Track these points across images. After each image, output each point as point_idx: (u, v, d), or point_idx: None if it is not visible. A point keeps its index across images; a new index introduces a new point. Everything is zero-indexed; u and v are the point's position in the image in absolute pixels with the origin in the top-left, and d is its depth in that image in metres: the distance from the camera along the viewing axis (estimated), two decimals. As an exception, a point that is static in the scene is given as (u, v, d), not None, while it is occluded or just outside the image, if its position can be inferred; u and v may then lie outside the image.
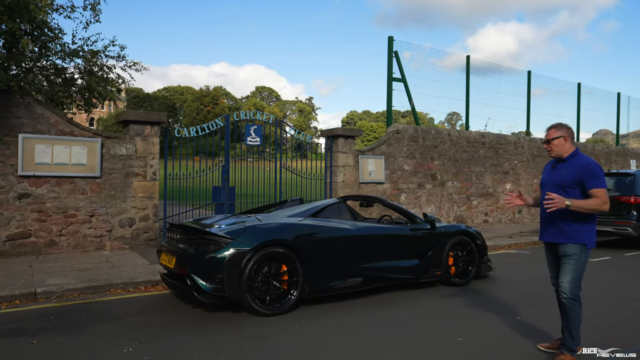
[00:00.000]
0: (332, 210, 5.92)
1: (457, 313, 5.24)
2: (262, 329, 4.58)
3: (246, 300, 4.87)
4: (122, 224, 8.23)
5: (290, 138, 10.64)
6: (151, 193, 8.47)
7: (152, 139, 8.48)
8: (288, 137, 10.87)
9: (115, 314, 5.05)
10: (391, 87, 12.43)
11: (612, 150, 18.28)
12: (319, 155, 11.21)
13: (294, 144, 10.82)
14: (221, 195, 9.50)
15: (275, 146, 10.15)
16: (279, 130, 10.21)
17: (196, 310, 5.23)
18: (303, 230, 5.36)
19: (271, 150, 10.37)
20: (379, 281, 5.88)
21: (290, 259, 5.13)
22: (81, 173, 7.87)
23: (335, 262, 5.49)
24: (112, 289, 6.17)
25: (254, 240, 4.98)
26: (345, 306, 5.43)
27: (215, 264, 4.85)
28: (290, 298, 5.14)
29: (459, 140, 13.32)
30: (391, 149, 11.89)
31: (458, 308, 5.43)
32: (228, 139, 9.56)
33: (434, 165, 12.73)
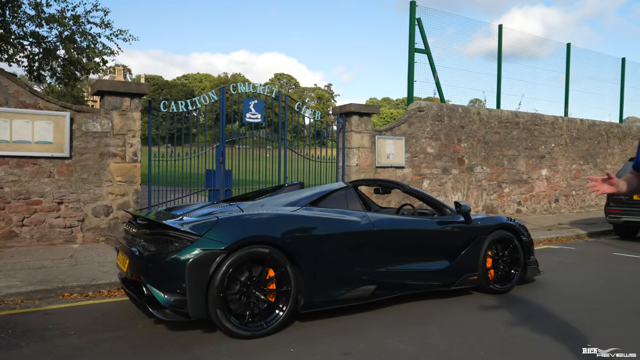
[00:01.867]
0: (337, 197, 4.59)
1: (505, 336, 3.88)
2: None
3: (216, 318, 3.61)
4: (96, 213, 7.05)
5: (295, 115, 9.30)
6: (131, 177, 7.27)
7: (132, 114, 7.25)
8: (302, 117, 9.53)
9: (49, 333, 3.84)
10: (413, 58, 10.96)
11: (659, 134, 16.44)
12: (330, 135, 9.85)
13: (301, 123, 9.47)
14: (216, 181, 8.25)
15: (279, 124, 8.84)
16: (283, 105, 8.88)
17: (157, 327, 3.99)
18: (296, 223, 4.06)
19: (273, 129, 9.05)
20: (397, 289, 4.55)
21: (278, 262, 3.84)
22: (47, 153, 6.69)
23: (340, 265, 4.18)
24: (67, 292, 5.00)
25: (227, 237, 3.70)
26: (351, 325, 4.12)
27: (175, 268, 3.59)
28: (278, 315, 3.86)
29: (489, 120, 11.81)
30: (412, 128, 10.47)
31: (504, 328, 4.08)
32: (224, 114, 8.27)
33: (461, 148, 11.26)
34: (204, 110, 8.38)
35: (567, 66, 14.16)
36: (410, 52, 10.96)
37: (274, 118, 9.11)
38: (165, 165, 7.86)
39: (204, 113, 8.68)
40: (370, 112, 9.64)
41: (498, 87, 12.58)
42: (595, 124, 14.35)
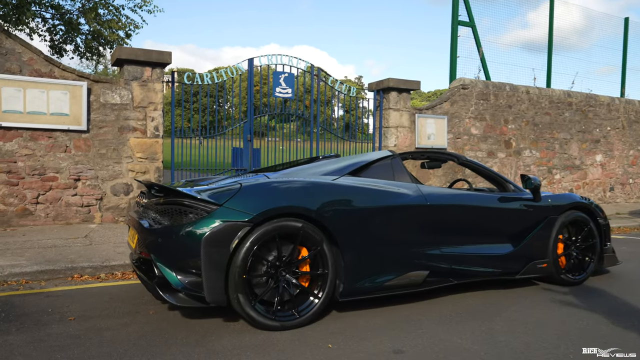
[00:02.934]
0: (381, 167, 3.88)
1: (593, 335, 3.11)
2: (263, 358, 2.68)
3: (238, 304, 2.97)
4: (115, 191, 6.56)
5: (329, 91, 8.60)
6: (153, 153, 6.74)
7: (154, 85, 6.70)
8: (335, 93, 8.82)
9: (46, 317, 3.29)
10: (456, 31, 10.08)
11: None
12: (366, 113, 9.11)
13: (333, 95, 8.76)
14: (242, 160, 7.66)
15: (311, 100, 8.16)
16: (315, 79, 8.20)
17: (170, 314, 3.40)
18: (335, 193, 3.37)
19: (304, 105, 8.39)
20: (453, 277, 3.81)
21: (313, 239, 3.18)
22: (62, 125, 6.22)
23: (387, 245, 3.48)
24: (77, 274, 4.48)
25: (252, 207, 3.05)
26: (399, 317, 3.43)
27: (189, 244, 2.97)
28: (313, 302, 3.20)
29: (539, 99, 10.81)
30: (455, 107, 9.61)
31: (592, 326, 3.30)
32: (251, 88, 7.65)
33: (508, 130, 10.33)
34: (231, 86, 7.77)
35: (624, 43, 12.93)
36: (454, 24, 10.08)
37: (306, 93, 8.43)
38: (190, 144, 7.30)
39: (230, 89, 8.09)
40: (410, 88, 8.84)
41: (549, 63, 11.54)
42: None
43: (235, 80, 7.60)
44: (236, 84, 7.65)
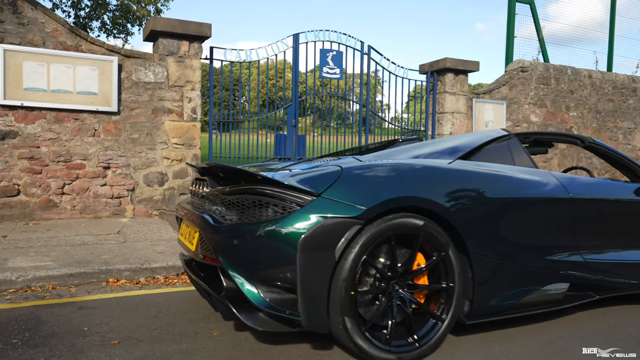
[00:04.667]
0: (497, 150, 3.04)
1: None
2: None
3: (344, 331, 2.17)
4: (149, 181, 5.82)
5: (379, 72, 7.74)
6: (190, 138, 5.98)
7: (191, 62, 5.93)
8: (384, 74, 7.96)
9: (83, 340, 2.54)
10: (514, 8, 9.13)
11: None
12: (420, 97, 8.22)
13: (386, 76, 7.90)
14: (286, 147, 6.86)
15: (361, 82, 7.33)
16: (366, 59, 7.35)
17: (240, 336, 2.62)
18: (462, 182, 2.55)
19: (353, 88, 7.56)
20: (593, 290, 2.97)
21: (437, 241, 2.36)
22: (90, 106, 5.48)
23: (525, 250, 2.65)
24: (112, 278, 3.74)
25: (361, 197, 2.24)
26: (543, 344, 2.60)
27: (278, 247, 2.17)
28: (436, 326, 2.39)
29: (602, 84, 9.82)
30: (514, 92, 8.69)
31: None
32: (297, 67, 6.84)
33: (570, 118, 9.38)
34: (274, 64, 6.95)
35: (690, 24, 11.83)
36: (511, 1, 9.13)
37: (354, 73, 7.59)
38: (228, 128, 6.53)
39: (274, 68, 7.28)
40: (468, 69, 7.95)
41: (610, 45, 10.53)
42: None
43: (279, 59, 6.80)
44: (280, 62, 6.84)
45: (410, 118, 8.34)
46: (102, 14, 8.45)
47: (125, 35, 9.68)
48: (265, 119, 6.79)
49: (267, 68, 6.61)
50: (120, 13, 8.60)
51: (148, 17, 9.17)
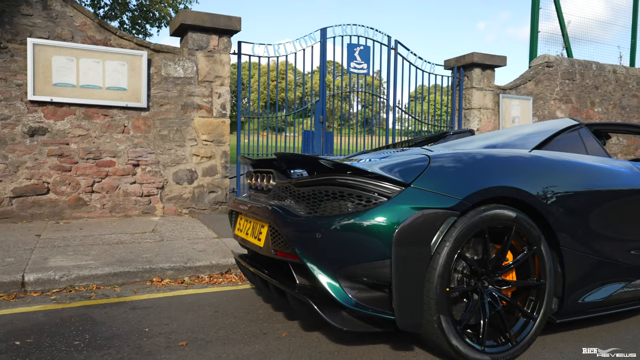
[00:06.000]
0: (569, 140, 2.89)
1: None
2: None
3: (439, 330, 2.02)
4: (178, 179, 5.68)
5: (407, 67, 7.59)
6: (219, 135, 5.84)
7: (221, 56, 5.79)
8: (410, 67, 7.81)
9: (147, 341, 2.40)
10: (538, 3, 8.98)
11: None
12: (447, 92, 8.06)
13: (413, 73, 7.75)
14: (314, 144, 6.72)
15: (388, 78, 7.18)
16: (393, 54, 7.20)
17: (311, 336, 2.47)
18: (550, 171, 2.40)
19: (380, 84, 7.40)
20: (675, 286, 2.82)
21: (529, 234, 2.22)
22: (120, 102, 5.35)
23: (614, 243, 2.51)
24: (156, 277, 3.60)
25: (455, 187, 2.10)
26: (626, 337, 2.45)
27: (366, 241, 2.03)
28: (528, 324, 2.25)
29: (626, 80, 9.66)
30: (540, 87, 8.54)
31: None
32: (324, 62, 6.71)
33: (595, 113, 9.22)
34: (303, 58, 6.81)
35: None
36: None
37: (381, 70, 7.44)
38: (256, 125, 6.39)
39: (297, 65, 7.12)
40: (495, 64, 7.80)
41: (633, 39, 10.37)
42: None
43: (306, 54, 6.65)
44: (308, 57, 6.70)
45: (437, 114, 8.19)
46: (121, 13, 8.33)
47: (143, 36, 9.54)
48: (293, 114, 6.65)
49: (295, 63, 6.46)
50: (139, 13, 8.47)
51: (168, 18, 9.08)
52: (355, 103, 7.35)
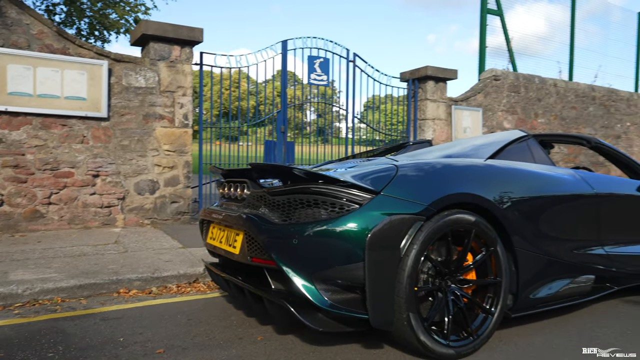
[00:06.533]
0: (519, 150, 3.15)
1: None
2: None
3: (408, 327, 2.18)
4: (140, 190, 5.62)
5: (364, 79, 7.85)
6: (182, 145, 5.84)
7: (183, 67, 5.81)
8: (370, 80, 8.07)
9: (124, 350, 2.42)
10: (485, 20, 9.52)
11: None
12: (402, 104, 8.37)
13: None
14: (276, 154, 6.82)
15: (347, 89, 7.40)
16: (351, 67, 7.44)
17: (286, 340, 2.57)
18: (505, 179, 2.64)
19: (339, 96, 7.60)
20: (612, 282, 3.13)
21: (487, 237, 2.43)
22: (79, 112, 5.26)
23: (559, 244, 2.77)
24: (123, 288, 3.58)
25: (421, 194, 2.28)
26: (579, 332, 2.70)
27: (341, 246, 2.16)
28: (487, 319, 2.45)
29: (566, 93, 10.38)
30: (488, 99, 9.04)
31: None
32: (285, 73, 6.84)
33: (538, 124, 9.84)
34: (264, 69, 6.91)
35: (638, 38, 12.72)
36: (483, 13, 9.51)
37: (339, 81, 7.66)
38: (217, 135, 6.43)
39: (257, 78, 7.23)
40: (447, 77, 8.20)
41: (570, 56, 11.15)
42: (669, 102, 12.91)
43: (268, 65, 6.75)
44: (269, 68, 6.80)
45: (394, 125, 8.49)
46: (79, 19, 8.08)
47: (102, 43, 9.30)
48: (255, 125, 6.73)
49: (257, 74, 6.56)
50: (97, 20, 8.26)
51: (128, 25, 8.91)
52: (315, 114, 7.51)
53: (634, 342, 2.60)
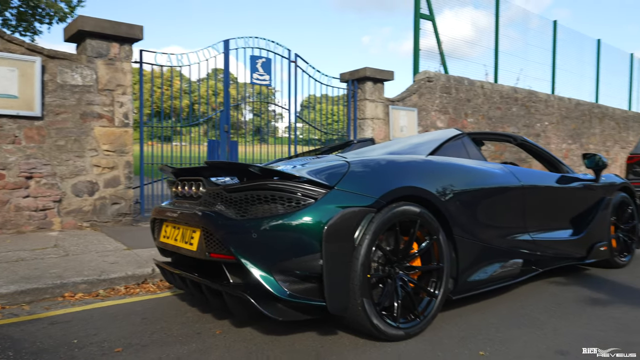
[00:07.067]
0: (455, 147, 3.43)
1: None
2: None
3: (362, 312, 2.35)
4: (78, 191, 5.42)
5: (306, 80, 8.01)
6: (122, 145, 5.69)
7: (122, 65, 5.66)
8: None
9: (80, 350, 2.40)
10: (418, 24, 9.99)
11: (629, 115, 16.73)
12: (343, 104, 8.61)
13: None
14: (220, 153, 6.81)
15: (289, 90, 7.52)
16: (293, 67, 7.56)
17: (244, 333, 2.65)
18: (445, 173, 2.88)
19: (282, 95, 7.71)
20: (537, 265, 3.49)
21: (430, 227, 2.65)
22: (10, 110, 4.99)
23: (492, 232, 3.06)
24: (68, 292, 3.49)
25: (372, 188, 2.45)
26: (513, 311, 3.00)
27: (299, 239, 2.29)
28: (431, 302, 2.67)
29: (492, 94, 11.12)
30: (423, 100, 9.51)
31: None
32: (227, 73, 6.84)
33: (468, 123, 10.47)
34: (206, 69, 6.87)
35: (553, 44, 13.84)
36: (416, 17, 9.98)
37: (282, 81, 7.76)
38: (159, 135, 6.32)
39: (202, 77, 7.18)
40: (385, 79, 8.54)
41: (495, 60, 11.94)
42: (580, 103, 14.18)
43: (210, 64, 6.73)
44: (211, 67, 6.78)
45: (334, 124, 8.71)
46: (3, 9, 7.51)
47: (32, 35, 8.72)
48: (197, 124, 6.67)
49: (199, 73, 6.52)
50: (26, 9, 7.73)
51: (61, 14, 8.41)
52: (254, 113, 7.57)
53: (558, 317, 2.92)
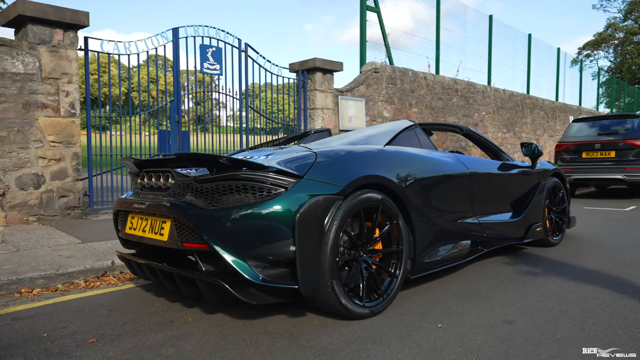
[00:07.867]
0: (408, 137, 3.66)
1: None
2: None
3: (332, 293, 2.51)
4: (22, 184, 5.20)
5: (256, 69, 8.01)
6: (69, 135, 5.50)
7: (67, 52, 5.45)
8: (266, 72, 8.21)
9: (52, 343, 2.40)
10: (365, 16, 10.22)
11: (557, 106, 17.98)
12: (294, 94, 8.69)
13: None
14: (171, 144, 6.72)
15: (240, 79, 7.51)
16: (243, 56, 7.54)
17: (216, 318, 2.74)
18: (403, 162, 3.08)
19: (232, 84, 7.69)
20: (483, 246, 3.81)
21: (391, 212, 2.84)
22: (-56, 99, 4.69)
23: (444, 216, 3.31)
24: (25, 288, 3.41)
25: (339, 177, 2.60)
26: (461, 288, 3.28)
27: (272, 226, 2.40)
28: (392, 283, 2.88)
29: (434, 85, 11.60)
30: (370, 90, 9.78)
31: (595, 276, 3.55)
32: (177, 61, 6.74)
33: (412, 113, 10.89)
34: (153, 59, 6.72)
35: (489, 37, 14.59)
36: (362, 9, 10.20)
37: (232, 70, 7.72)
38: (108, 125, 6.14)
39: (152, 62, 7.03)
40: (334, 69, 8.71)
41: (437, 52, 12.44)
42: (514, 94, 15.08)
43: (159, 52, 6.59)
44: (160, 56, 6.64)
45: (279, 114, 8.79)
46: None
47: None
48: (148, 113, 6.54)
49: (148, 62, 6.38)
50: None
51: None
52: (210, 103, 7.51)
53: (503, 291, 3.23)
